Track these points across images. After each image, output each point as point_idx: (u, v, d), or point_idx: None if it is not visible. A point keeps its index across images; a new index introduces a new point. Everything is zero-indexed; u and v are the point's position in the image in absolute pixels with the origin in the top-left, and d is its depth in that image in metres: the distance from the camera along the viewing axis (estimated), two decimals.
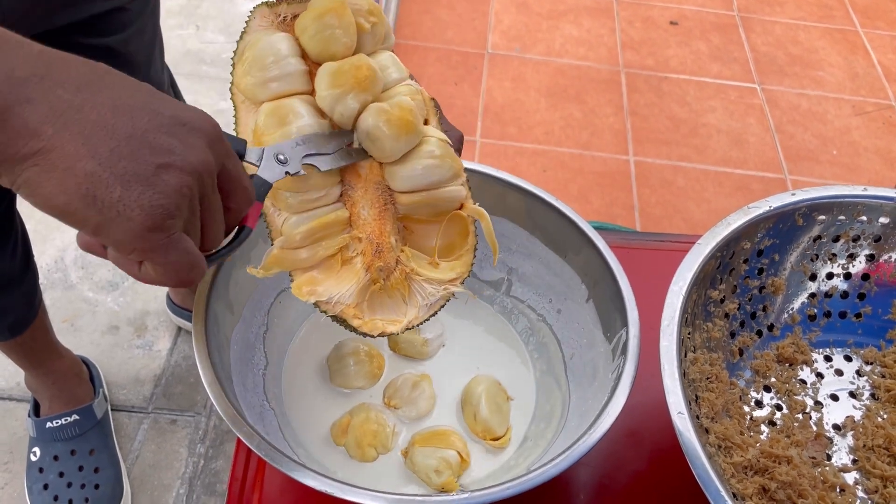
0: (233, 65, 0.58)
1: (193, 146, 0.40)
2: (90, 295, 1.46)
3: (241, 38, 0.57)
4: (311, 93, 0.57)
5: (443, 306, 0.64)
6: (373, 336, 0.61)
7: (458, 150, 0.61)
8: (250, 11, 0.58)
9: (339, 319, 0.61)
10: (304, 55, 0.57)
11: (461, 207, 0.61)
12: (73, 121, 0.36)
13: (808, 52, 2.47)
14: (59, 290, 1.46)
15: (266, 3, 0.57)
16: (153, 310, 1.44)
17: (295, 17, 0.57)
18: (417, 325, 0.63)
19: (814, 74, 2.40)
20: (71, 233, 1.56)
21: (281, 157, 0.53)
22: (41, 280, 1.46)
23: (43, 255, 1.52)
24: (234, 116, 0.59)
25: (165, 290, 1.44)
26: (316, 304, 0.60)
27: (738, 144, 2.14)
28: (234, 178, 0.44)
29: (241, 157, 0.51)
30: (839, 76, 2.40)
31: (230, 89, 0.59)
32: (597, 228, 1.01)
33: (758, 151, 2.12)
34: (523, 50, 2.35)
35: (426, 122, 0.60)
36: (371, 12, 0.56)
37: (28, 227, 1.55)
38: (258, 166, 0.52)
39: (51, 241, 1.54)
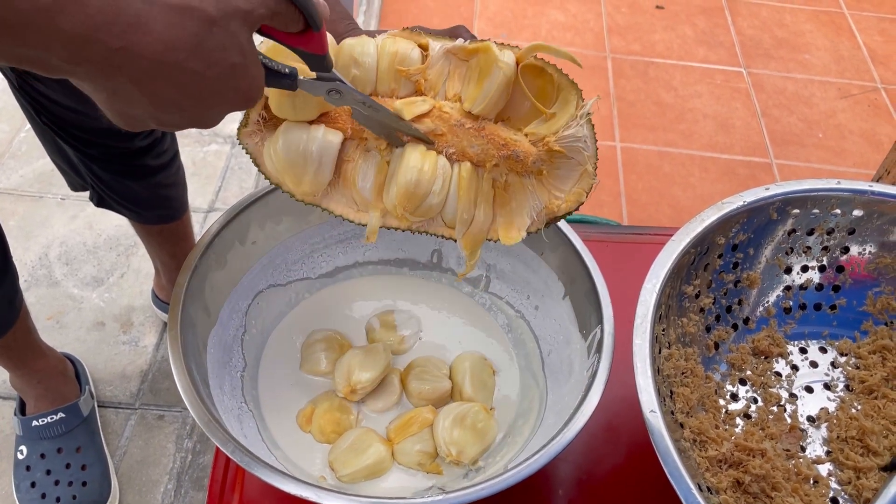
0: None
1: (195, 123, 0.48)
2: (75, 291, 1.45)
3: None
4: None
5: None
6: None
7: (470, 36, 0.59)
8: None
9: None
10: None
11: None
12: None
13: (794, 35, 2.47)
14: (44, 287, 1.46)
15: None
16: (139, 305, 1.44)
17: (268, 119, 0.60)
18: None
19: (800, 57, 2.39)
20: (55, 228, 1.56)
21: (335, 93, 0.56)
22: (25, 278, 1.46)
23: (27, 252, 1.51)
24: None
25: (151, 285, 1.44)
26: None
27: (724, 129, 2.14)
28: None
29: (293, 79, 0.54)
30: (825, 59, 2.40)
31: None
32: (579, 222, 1.01)
33: (744, 136, 2.12)
34: (510, 36, 2.34)
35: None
36: None
37: (10, 224, 1.55)
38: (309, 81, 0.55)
39: (34, 237, 1.54)
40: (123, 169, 1.07)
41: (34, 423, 1.15)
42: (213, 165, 1.73)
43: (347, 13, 0.63)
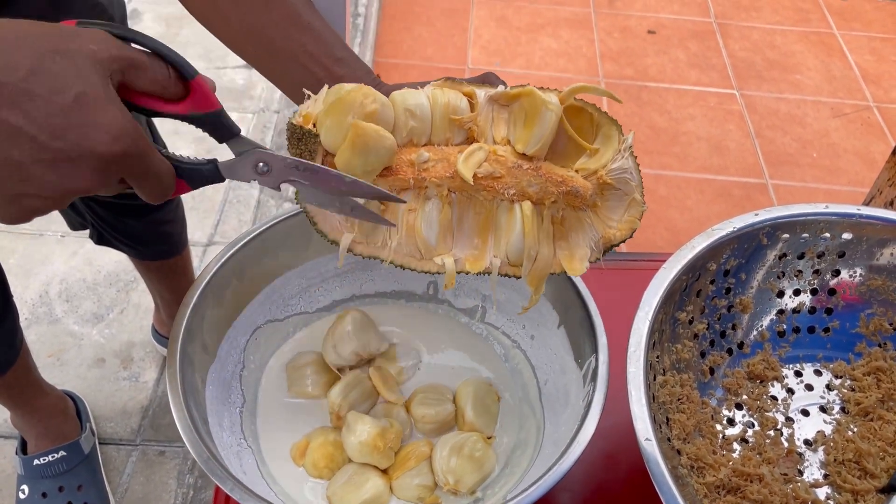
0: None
1: (72, 178, 0.43)
2: (75, 328, 1.46)
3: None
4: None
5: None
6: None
7: (496, 82, 0.61)
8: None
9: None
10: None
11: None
12: None
13: (785, 56, 2.50)
14: (45, 325, 1.46)
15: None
16: (139, 341, 1.44)
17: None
18: None
19: (791, 78, 2.42)
20: (55, 265, 1.57)
21: (262, 165, 0.53)
22: (26, 315, 1.47)
23: (27, 290, 1.52)
24: None
25: (151, 320, 1.45)
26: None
27: (718, 151, 2.16)
28: (138, 177, 0.47)
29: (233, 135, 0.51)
30: (817, 79, 2.42)
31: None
32: None
33: (738, 157, 2.14)
34: (503, 64, 2.37)
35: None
36: None
37: (10, 262, 1.56)
38: (234, 156, 0.52)
39: (35, 275, 1.55)
40: (123, 207, 1.09)
41: (35, 461, 1.16)
42: (212, 199, 1.74)
43: (368, 68, 0.64)
